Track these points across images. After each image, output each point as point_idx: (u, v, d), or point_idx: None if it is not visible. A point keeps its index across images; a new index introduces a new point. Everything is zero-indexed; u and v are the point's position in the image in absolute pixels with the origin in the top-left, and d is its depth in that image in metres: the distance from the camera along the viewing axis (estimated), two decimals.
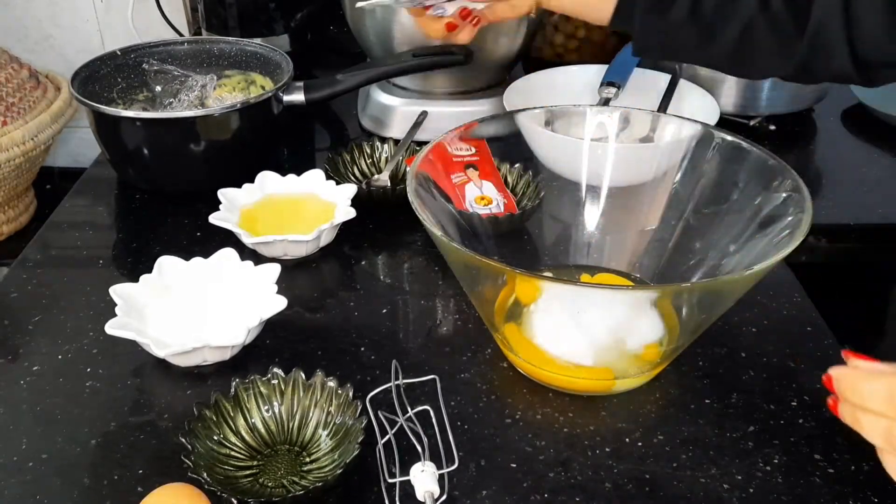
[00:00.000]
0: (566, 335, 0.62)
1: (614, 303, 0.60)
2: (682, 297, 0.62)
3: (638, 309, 0.63)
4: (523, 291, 0.65)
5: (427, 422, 0.60)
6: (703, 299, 0.59)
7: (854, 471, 0.57)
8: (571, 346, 0.62)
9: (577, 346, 0.62)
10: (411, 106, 0.99)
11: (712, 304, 0.59)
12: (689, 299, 0.61)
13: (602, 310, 0.61)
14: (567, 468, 0.57)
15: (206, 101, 0.96)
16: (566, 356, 0.61)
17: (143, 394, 0.64)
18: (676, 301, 0.62)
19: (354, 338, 0.69)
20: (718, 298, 0.58)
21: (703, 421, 0.61)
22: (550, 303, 0.64)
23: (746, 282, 0.56)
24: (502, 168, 0.81)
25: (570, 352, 0.61)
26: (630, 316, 0.63)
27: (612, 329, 0.62)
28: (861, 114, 1.10)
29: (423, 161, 0.66)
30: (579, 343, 0.62)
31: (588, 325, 0.61)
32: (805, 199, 0.59)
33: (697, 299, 0.60)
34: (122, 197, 0.92)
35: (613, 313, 0.62)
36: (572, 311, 0.62)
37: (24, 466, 0.57)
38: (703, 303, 0.59)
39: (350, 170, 0.91)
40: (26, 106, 1.15)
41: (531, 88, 0.96)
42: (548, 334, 0.62)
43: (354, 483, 0.56)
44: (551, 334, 0.62)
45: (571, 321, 0.62)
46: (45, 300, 0.74)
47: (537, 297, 0.65)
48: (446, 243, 0.58)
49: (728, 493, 0.55)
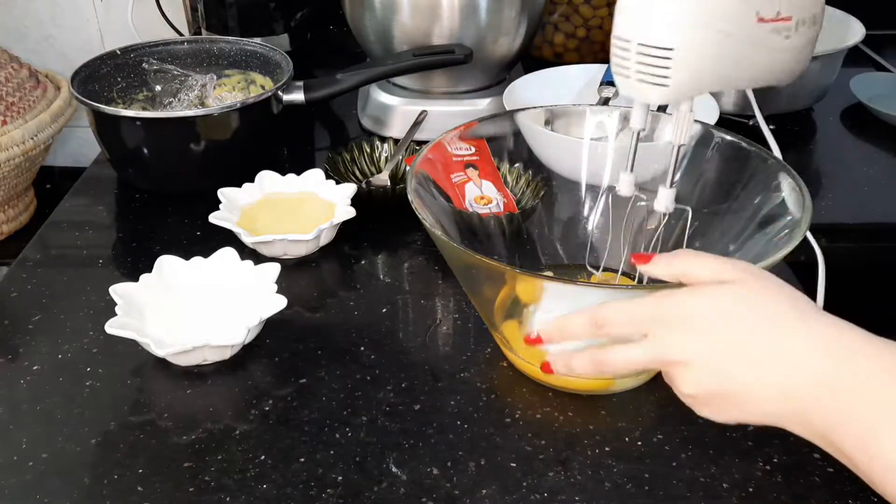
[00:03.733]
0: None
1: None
2: None
3: None
4: (523, 291, 0.65)
5: (425, 419, 0.61)
6: None
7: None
8: (570, 346, 0.61)
9: (577, 346, 0.61)
10: (411, 105, 0.99)
11: None
12: None
13: None
14: (567, 468, 0.57)
15: (205, 100, 0.96)
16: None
17: (143, 393, 0.64)
18: None
19: (354, 337, 0.69)
20: None
21: (702, 420, 0.61)
22: (550, 302, 0.64)
23: None
24: (502, 167, 0.81)
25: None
26: None
27: None
28: (860, 113, 1.10)
29: (422, 160, 0.66)
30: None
31: None
32: (804, 199, 0.59)
33: None
34: (122, 196, 0.92)
35: None
36: (571, 311, 0.62)
37: (24, 466, 0.57)
38: None
39: (350, 169, 0.91)
40: (26, 105, 1.15)
41: (531, 88, 0.96)
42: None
43: (354, 481, 0.56)
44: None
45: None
46: (44, 300, 0.74)
47: (537, 297, 0.65)
48: (446, 243, 0.58)
49: (728, 493, 0.55)
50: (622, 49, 0.56)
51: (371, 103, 1.02)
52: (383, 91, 1.02)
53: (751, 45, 0.54)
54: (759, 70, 0.56)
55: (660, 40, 0.53)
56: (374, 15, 0.96)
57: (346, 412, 0.62)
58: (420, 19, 0.94)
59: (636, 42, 0.54)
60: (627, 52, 0.55)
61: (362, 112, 1.04)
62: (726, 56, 0.54)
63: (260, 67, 0.99)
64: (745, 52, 0.54)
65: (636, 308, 0.47)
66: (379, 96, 1.01)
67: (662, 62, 0.54)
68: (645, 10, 0.54)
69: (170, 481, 0.56)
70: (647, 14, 0.54)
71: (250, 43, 1.00)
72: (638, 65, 0.55)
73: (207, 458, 0.58)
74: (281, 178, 0.85)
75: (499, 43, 0.98)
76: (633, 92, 0.57)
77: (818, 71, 1.02)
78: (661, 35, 0.53)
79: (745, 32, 0.53)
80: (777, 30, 0.54)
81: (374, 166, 0.92)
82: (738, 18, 0.53)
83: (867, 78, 1.13)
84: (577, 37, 1.22)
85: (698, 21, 0.52)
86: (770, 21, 0.54)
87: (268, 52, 0.98)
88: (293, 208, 0.83)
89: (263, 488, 0.55)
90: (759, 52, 0.55)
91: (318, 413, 0.62)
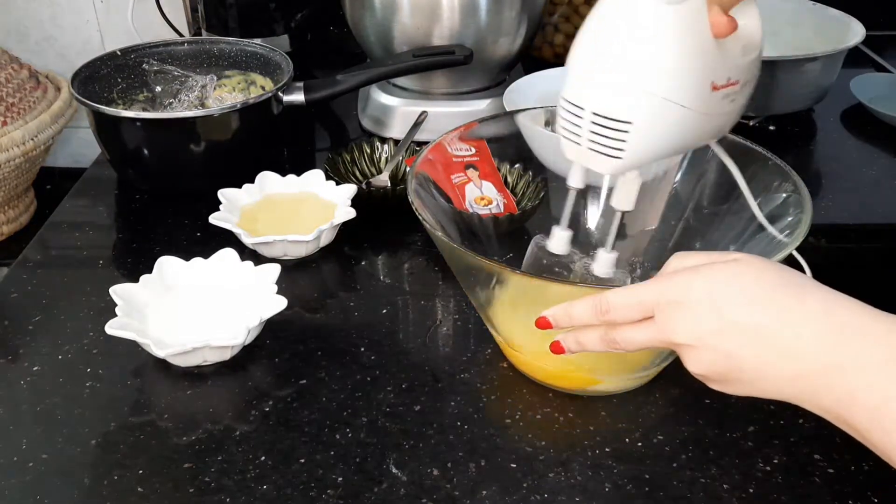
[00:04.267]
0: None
1: None
2: None
3: None
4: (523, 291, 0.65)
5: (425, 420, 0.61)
6: None
7: (854, 471, 0.57)
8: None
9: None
10: (411, 106, 0.99)
11: None
12: None
13: None
14: (567, 468, 0.57)
15: (206, 101, 0.96)
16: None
17: (143, 394, 0.64)
18: None
19: (354, 338, 0.69)
20: None
21: (703, 421, 0.61)
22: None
23: None
24: (502, 168, 0.81)
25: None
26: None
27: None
28: (860, 114, 1.10)
29: (423, 161, 0.66)
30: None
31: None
32: (805, 200, 0.59)
33: None
34: (122, 197, 0.92)
35: None
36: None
37: (24, 466, 0.57)
38: None
39: (350, 170, 0.91)
40: (26, 106, 1.15)
41: (531, 88, 0.96)
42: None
43: (354, 482, 0.56)
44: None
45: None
46: (45, 300, 0.74)
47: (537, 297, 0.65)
48: (446, 243, 0.58)
49: (728, 493, 0.55)
50: (573, 115, 0.53)
51: (371, 104, 1.02)
52: (383, 92, 1.02)
53: (703, 113, 0.52)
54: (703, 134, 0.55)
55: (619, 113, 0.51)
56: (374, 15, 0.96)
57: (346, 413, 0.62)
58: (420, 20, 0.94)
59: (590, 111, 0.52)
60: (580, 120, 0.53)
61: (362, 113, 1.04)
62: (681, 126, 0.52)
63: (260, 68, 0.99)
64: (698, 121, 0.52)
65: (641, 292, 0.47)
66: (379, 97, 1.01)
67: (618, 134, 0.52)
68: (603, 80, 0.52)
69: (170, 482, 0.56)
70: (606, 84, 0.52)
71: (250, 44, 1.00)
72: (591, 134, 0.53)
73: (207, 459, 0.58)
74: (281, 178, 0.85)
75: (499, 43, 0.98)
76: (582, 160, 0.55)
77: (818, 71, 1.02)
78: (620, 108, 0.51)
79: (700, 102, 0.52)
80: (726, 95, 0.53)
81: (375, 167, 0.92)
82: (697, 90, 0.51)
83: (867, 79, 1.13)
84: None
85: (658, 95, 0.50)
86: (721, 88, 0.53)
87: (268, 53, 0.98)
88: (293, 209, 0.83)
89: (263, 489, 0.55)
90: (709, 118, 0.53)
91: (319, 414, 0.61)
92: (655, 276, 0.48)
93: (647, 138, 0.52)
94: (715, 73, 0.52)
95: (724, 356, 0.44)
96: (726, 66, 0.52)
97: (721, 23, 0.51)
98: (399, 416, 0.61)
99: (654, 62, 0.50)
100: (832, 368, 0.41)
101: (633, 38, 0.50)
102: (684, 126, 0.52)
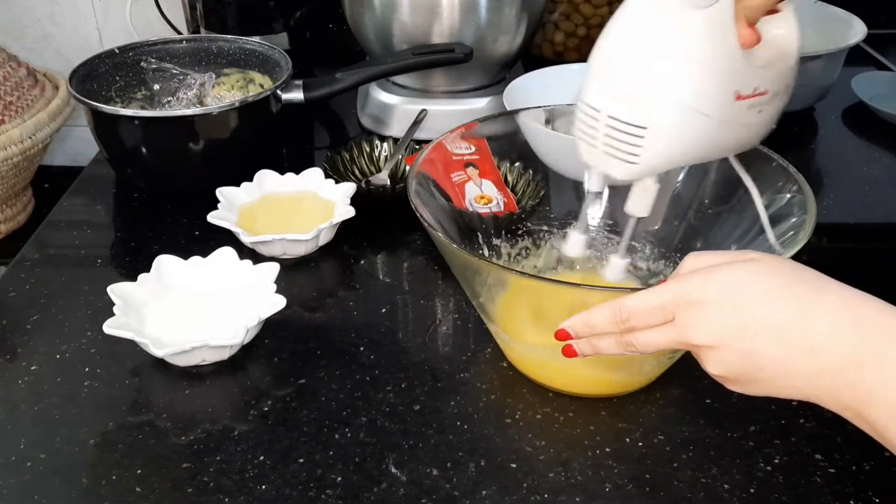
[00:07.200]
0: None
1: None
2: None
3: None
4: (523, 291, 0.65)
5: (424, 420, 0.60)
6: None
7: (855, 470, 0.57)
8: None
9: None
10: (411, 104, 0.99)
11: None
12: None
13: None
14: (567, 468, 0.57)
15: (204, 99, 0.96)
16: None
17: (142, 393, 0.64)
18: None
19: (354, 337, 0.69)
20: None
21: (703, 421, 0.61)
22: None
23: None
24: (502, 167, 0.81)
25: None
26: None
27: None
28: (862, 113, 1.10)
29: (423, 161, 0.65)
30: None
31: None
32: (808, 201, 0.58)
33: None
34: (121, 196, 0.92)
35: None
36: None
37: (22, 466, 0.57)
38: None
39: (349, 168, 0.90)
40: (24, 104, 1.15)
41: (531, 87, 0.95)
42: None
43: (354, 482, 0.56)
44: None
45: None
46: (43, 299, 0.74)
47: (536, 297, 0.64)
48: (446, 243, 0.57)
49: (728, 493, 0.55)
50: (590, 117, 0.52)
51: (371, 102, 1.02)
52: (383, 90, 1.01)
53: (725, 122, 0.51)
54: (727, 144, 0.54)
55: (634, 118, 0.50)
56: (373, 13, 0.96)
57: (345, 412, 0.61)
58: (420, 18, 0.94)
59: (606, 114, 0.51)
60: (596, 122, 0.52)
61: (362, 111, 1.04)
62: (700, 134, 0.51)
63: (259, 66, 0.99)
64: (719, 130, 0.51)
65: (659, 295, 0.47)
66: (378, 95, 1.01)
67: (634, 139, 0.51)
68: (621, 83, 0.51)
69: (168, 482, 0.56)
70: (623, 88, 0.51)
71: (249, 41, 0.99)
72: (606, 137, 0.52)
73: (206, 459, 0.57)
74: (280, 177, 0.85)
75: (499, 42, 0.98)
76: (598, 163, 0.54)
77: (820, 70, 1.02)
78: (636, 113, 0.50)
79: (722, 111, 0.51)
80: (753, 105, 0.52)
81: (374, 165, 0.92)
82: (719, 98, 0.50)
83: (869, 77, 1.13)
84: (577, 35, 1.22)
85: (677, 102, 0.49)
86: (747, 97, 0.51)
87: (267, 51, 0.98)
88: (292, 208, 0.83)
89: (262, 489, 0.55)
90: (732, 128, 0.52)
91: (318, 413, 0.61)
92: (670, 277, 0.47)
93: (663, 144, 0.51)
94: (739, 82, 0.50)
95: (744, 355, 0.44)
96: (754, 75, 0.51)
97: (743, 34, 0.50)
98: (398, 415, 0.61)
99: (673, 66, 0.49)
100: (852, 365, 0.41)
101: (655, 41, 0.49)
102: (703, 134, 0.51)
